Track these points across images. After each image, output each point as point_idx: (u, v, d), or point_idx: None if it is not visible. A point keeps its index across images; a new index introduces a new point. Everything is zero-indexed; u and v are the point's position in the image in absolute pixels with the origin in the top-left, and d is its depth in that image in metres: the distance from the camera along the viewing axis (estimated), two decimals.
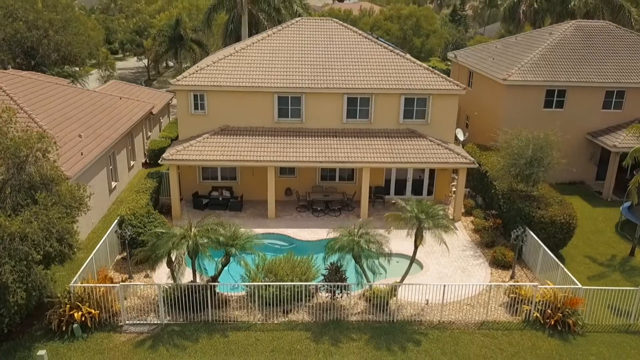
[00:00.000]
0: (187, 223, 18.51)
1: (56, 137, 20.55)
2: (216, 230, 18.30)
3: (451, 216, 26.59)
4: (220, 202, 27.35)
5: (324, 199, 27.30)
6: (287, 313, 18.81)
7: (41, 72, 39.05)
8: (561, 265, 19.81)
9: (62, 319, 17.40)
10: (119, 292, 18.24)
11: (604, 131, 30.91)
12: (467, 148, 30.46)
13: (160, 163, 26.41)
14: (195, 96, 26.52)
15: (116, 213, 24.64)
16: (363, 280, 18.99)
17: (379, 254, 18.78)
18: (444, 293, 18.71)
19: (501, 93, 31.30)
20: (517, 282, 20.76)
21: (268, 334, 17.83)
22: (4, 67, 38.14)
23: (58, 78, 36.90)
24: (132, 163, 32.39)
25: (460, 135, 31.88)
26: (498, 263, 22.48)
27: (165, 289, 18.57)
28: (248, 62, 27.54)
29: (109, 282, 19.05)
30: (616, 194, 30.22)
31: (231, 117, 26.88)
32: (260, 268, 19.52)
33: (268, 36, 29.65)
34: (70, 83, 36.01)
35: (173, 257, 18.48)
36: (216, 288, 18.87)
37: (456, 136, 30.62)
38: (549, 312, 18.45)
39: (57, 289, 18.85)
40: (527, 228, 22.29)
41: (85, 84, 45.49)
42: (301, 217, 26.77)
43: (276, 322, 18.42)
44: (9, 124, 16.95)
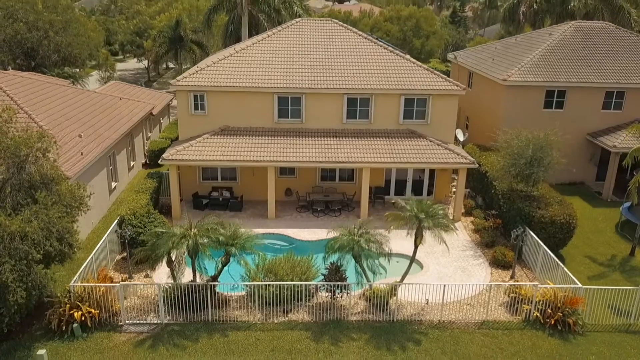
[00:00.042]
0: (187, 223, 18.52)
1: (56, 137, 20.53)
2: (216, 229, 18.30)
3: (451, 216, 26.58)
4: (220, 203, 27.35)
5: (324, 199, 27.30)
6: (287, 313, 18.80)
7: (41, 73, 39.08)
8: (561, 264, 19.80)
9: (62, 319, 17.38)
10: (119, 292, 18.24)
11: (604, 132, 30.92)
12: (467, 148, 30.48)
13: (160, 163, 26.43)
14: (195, 96, 26.54)
15: (116, 213, 24.65)
16: (363, 279, 18.98)
17: (379, 254, 18.78)
18: (444, 293, 18.69)
19: (501, 94, 31.32)
20: (517, 282, 20.75)
21: (268, 334, 17.82)
22: (4, 68, 38.15)
23: (58, 79, 36.95)
24: (132, 163, 32.40)
25: (460, 135, 31.90)
26: (498, 263, 22.48)
27: (165, 289, 18.56)
28: (248, 63, 27.57)
29: (109, 282, 19.03)
30: (616, 195, 30.23)
31: (231, 118, 26.89)
32: (260, 268, 19.51)
33: (268, 37, 29.68)
34: (70, 84, 36.02)
35: (173, 257, 18.46)
36: (216, 288, 18.86)
37: (456, 137, 30.63)
38: (549, 312, 18.43)
39: (57, 289, 18.86)
40: (527, 228, 22.30)
41: (85, 85, 45.52)
42: (301, 218, 26.77)
43: (276, 322, 18.41)
44: (9, 124, 16.97)
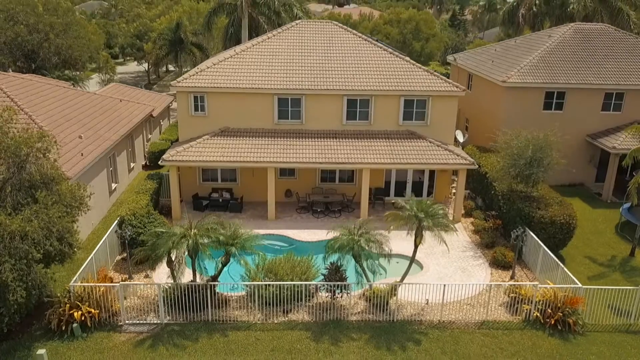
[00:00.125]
0: (187, 222, 18.52)
1: (56, 138, 20.52)
2: (216, 229, 18.31)
3: (451, 217, 26.57)
4: (220, 204, 27.36)
5: (324, 201, 27.31)
6: (287, 313, 18.78)
7: (42, 76, 39.14)
8: (561, 264, 19.80)
9: (62, 319, 17.36)
10: (119, 292, 18.23)
11: (604, 133, 30.96)
12: (467, 150, 30.52)
13: (160, 164, 26.44)
14: (195, 98, 26.59)
15: (116, 214, 24.65)
16: (363, 280, 18.98)
17: (379, 254, 18.78)
18: (444, 293, 18.68)
19: (501, 95, 31.37)
20: (517, 282, 20.73)
21: (268, 334, 17.80)
22: (5, 71, 38.20)
23: (59, 81, 37.01)
24: (132, 165, 32.43)
25: (459, 137, 31.92)
26: (498, 263, 22.47)
27: (165, 289, 18.55)
28: (248, 64, 27.63)
29: (109, 282, 19.02)
30: (616, 196, 30.25)
31: (231, 119, 26.93)
32: (260, 268, 19.51)
33: (268, 38, 29.74)
34: (70, 86, 36.08)
35: (173, 257, 18.46)
36: (216, 288, 18.86)
37: (456, 138, 30.65)
38: (549, 312, 18.42)
39: (57, 289, 18.85)
40: (527, 228, 22.30)
41: (85, 88, 45.59)
42: (301, 219, 26.77)
43: (276, 322, 18.39)
44: (9, 123, 17.00)
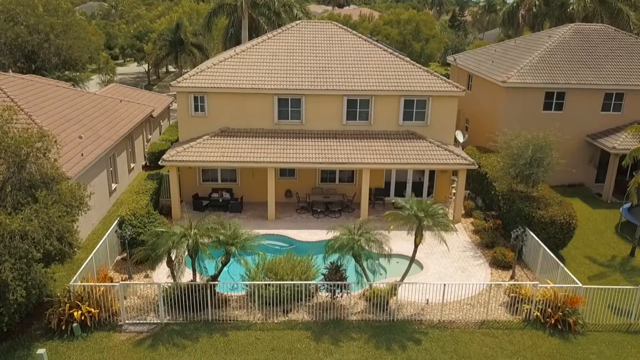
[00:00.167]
0: (187, 222, 18.51)
1: (56, 138, 20.53)
2: (216, 229, 18.30)
3: (451, 217, 26.56)
4: (220, 204, 27.36)
5: (324, 201, 27.30)
6: (287, 312, 18.77)
7: (42, 76, 39.15)
8: (561, 264, 19.78)
9: (62, 318, 17.35)
10: (119, 292, 18.22)
11: (604, 133, 30.97)
12: (467, 150, 30.53)
13: (160, 165, 26.44)
14: (195, 98, 26.59)
15: (116, 214, 24.64)
16: (363, 279, 18.97)
17: (379, 254, 18.77)
18: (444, 292, 18.67)
19: (500, 95, 31.38)
20: (517, 282, 20.71)
21: (268, 333, 17.79)
22: (5, 71, 38.21)
23: (59, 81, 37.02)
24: (132, 165, 32.43)
25: (459, 137, 31.90)
26: (498, 263, 22.46)
27: (165, 289, 18.55)
28: (248, 64, 27.64)
29: (109, 282, 19.00)
30: (616, 196, 30.24)
31: (231, 119, 26.93)
32: (260, 267, 19.50)
33: (268, 38, 29.76)
34: (71, 86, 36.09)
35: (173, 257, 18.46)
36: (216, 287, 18.85)
37: (456, 138, 30.65)
38: (550, 311, 18.40)
39: (57, 289, 18.85)
40: (527, 228, 22.29)
41: (85, 89, 45.60)
42: (301, 219, 26.76)
43: (276, 322, 18.38)
44: (10, 123, 17.00)
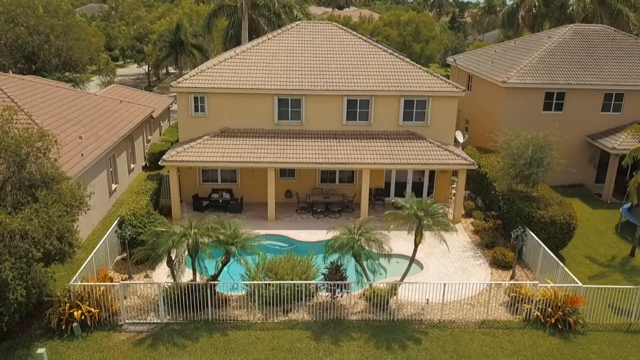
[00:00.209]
0: (187, 222, 18.51)
1: (56, 138, 20.54)
2: (216, 228, 18.30)
3: (451, 217, 26.55)
4: (220, 204, 27.36)
5: (324, 201, 27.30)
6: (287, 312, 18.76)
7: (42, 77, 39.18)
8: (561, 264, 19.77)
9: (62, 318, 17.34)
10: (119, 291, 18.21)
11: (603, 134, 30.98)
12: (467, 150, 30.54)
13: (160, 165, 26.43)
14: (195, 98, 26.60)
15: (116, 215, 24.63)
16: (363, 279, 18.97)
17: (379, 254, 18.77)
18: (444, 292, 18.66)
19: (500, 96, 31.40)
20: (518, 281, 20.70)
21: (268, 333, 17.78)
22: (5, 72, 38.25)
23: (59, 82, 37.04)
24: (132, 166, 32.43)
25: (459, 137, 31.91)
26: (498, 263, 22.45)
27: (165, 288, 18.54)
28: (248, 65, 27.67)
29: (109, 282, 18.98)
30: (616, 197, 30.25)
31: (231, 119, 26.94)
32: (260, 267, 19.49)
33: (268, 39, 29.79)
34: (71, 87, 36.11)
35: (173, 256, 18.46)
36: (216, 287, 18.84)
37: (456, 138, 30.66)
38: (550, 311, 18.39)
39: (57, 289, 18.84)
40: (527, 228, 22.28)
41: (85, 90, 45.58)
42: (301, 219, 26.76)
43: (276, 321, 18.37)
44: (10, 123, 17.01)
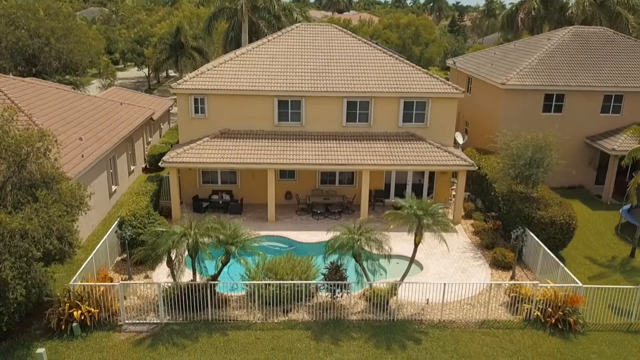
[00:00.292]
0: (187, 222, 18.51)
1: (57, 138, 20.57)
2: (216, 228, 18.30)
3: (451, 218, 26.53)
4: (220, 205, 27.37)
5: (324, 202, 27.31)
6: (287, 312, 18.75)
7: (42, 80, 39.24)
8: (561, 264, 19.78)
9: (62, 318, 17.32)
10: (119, 291, 18.21)
11: (603, 135, 31.03)
12: (467, 152, 30.58)
13: (160, 167, 26.45)
14: (195, 100, 26.64)
15: (116, 216, 24.64)
16: (363, 279, 18.96)
17: (379, 255, 18.76)
18: (444, 292, 18.65)
19: (500, 97, 31.44)
20: (518, 281, 20.69)
21: (268, 333, 17.77)
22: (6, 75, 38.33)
23: (59, 84, 37.10)
24: (132, 168, 32.46)
25: (459, 138, 31.97)
26: (498, 264, 22.45)
27: (165, 289, 18.53)
28: (248, 66, 27.72)
29: (109, 282, 18.98)
30: (615, 198, 30.27)
31: (231, 121, 26.98)
32: (260, 267, 19.49)
33: (268, 41, 29.86)
34: (72, 89, 36.15)
35: (173, 256, 18.45)
36: (216, 287, 18.84)
37: (455, 140, 30.71)
38: (550, 311, 18.38)
39: (57, 289, 18.84)
40: (527, 229, 22.28)
41: (86, 92, 45.64)
42: (301, 220, 26.76)
43: (276, 321, 18.36)
44: (10, 123, 17.04)
